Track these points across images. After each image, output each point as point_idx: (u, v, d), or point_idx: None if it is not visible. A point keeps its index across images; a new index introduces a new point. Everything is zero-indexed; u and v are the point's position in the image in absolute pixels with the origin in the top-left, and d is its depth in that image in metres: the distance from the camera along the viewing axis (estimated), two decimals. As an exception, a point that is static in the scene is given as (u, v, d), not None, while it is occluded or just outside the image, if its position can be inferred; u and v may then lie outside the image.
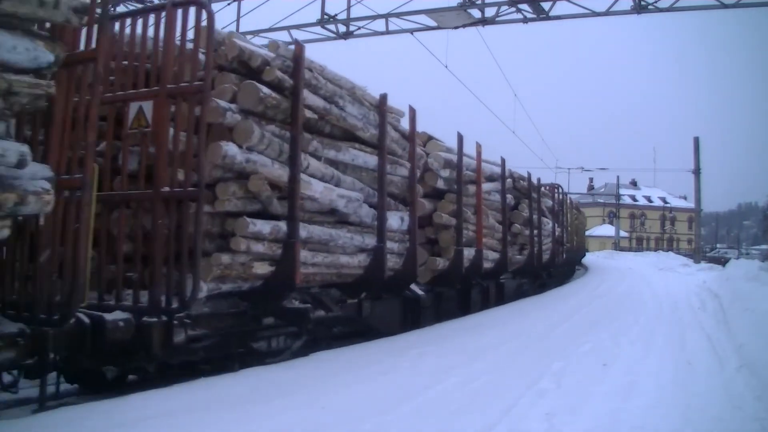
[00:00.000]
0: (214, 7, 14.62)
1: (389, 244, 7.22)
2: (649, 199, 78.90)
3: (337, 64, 6.71)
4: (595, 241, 54.16)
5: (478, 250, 10.24)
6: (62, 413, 3.61)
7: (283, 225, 5.41)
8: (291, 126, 5.54)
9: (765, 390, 4.54)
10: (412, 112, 8.01)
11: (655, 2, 13.42)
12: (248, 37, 10.27)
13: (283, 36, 15.54)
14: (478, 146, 10.64)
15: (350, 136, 6.67)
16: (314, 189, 5.82)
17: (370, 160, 6.97)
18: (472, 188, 10.27)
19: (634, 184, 78.42)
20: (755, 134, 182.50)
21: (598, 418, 3.90)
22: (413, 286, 8.52)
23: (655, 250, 55.59)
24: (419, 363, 5.50)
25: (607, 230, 60.92)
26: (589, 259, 32.50)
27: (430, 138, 9.74)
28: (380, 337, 7.03)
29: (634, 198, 77.68)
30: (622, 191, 61.04)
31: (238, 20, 14.80)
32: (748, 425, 3.90)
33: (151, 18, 4.90)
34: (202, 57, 4.75)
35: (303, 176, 5.63)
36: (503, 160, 12.13)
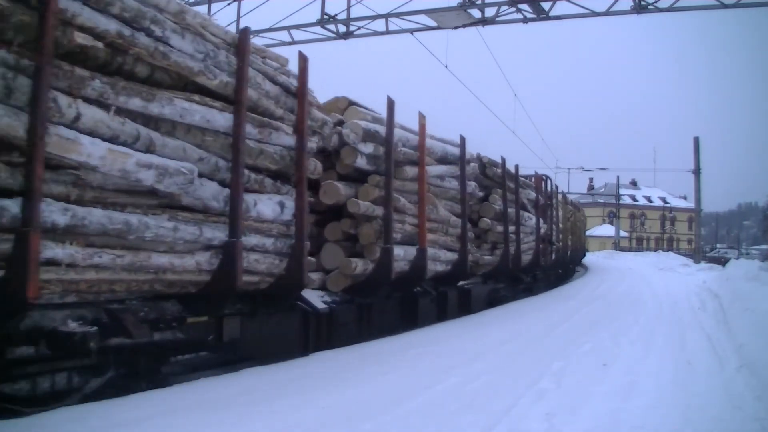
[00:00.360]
0: (214, 7, 14.68)
1: (256, 239, 5.35)
2: (649, 199, 79.00)
3: (337, 64, 6.61)
4: (595, 241, 54.24)
5: (421, 249, 8.02)
6: (62, 413, 3.60)
7: (12, 204, 3.51)
8: (36, 53, 3.63)
9: (765, 390, 4.54)
10: (303, 60, 5.97)
11: (655, 2, 13.44)
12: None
13: (283, 36, 15.61)
14: (421, 117, 8.35)
15: (190, 85, 4.74)
16: (86, 152, 3.81)
17: (219, 118, 4.87)
18: (412, 171, 8.08)
19: (634, 184, 78.54)
20: (755, 134, 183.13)
21: (598, 418, 3.91)
22: (313, 298, 6.49)
23: (655, 250, 55.73)
24: (419, 363, 5.50)
25: (607, 230, 61.02)
26: (589, 259, 32.61)
27: (350, 104, 7.75)
28: (262, 365, 5.27)
29: (634, 198, 77.79)
30: (622, 191, 61.12)
31: (238, 20, 14.80)
32: (748, 425, 3.90)
33: None
34: None
35: (63, 131, 3.70)
36: (463, 139, 9.78)
